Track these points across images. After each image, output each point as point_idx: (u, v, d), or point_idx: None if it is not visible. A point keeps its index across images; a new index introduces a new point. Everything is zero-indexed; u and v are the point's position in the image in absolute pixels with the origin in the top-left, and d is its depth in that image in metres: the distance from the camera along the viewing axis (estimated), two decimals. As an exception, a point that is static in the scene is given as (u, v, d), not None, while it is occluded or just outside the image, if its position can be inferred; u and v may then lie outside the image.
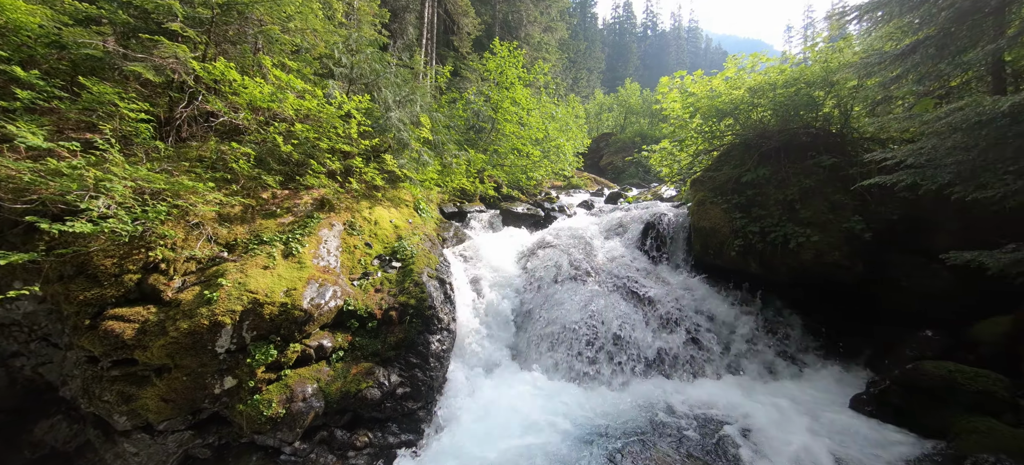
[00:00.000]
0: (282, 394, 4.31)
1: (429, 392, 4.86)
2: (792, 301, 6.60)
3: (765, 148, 6.85)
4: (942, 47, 3.83)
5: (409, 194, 8.54)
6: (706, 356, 5.80)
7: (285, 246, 5.06)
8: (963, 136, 3.06)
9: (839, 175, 6.25)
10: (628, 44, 72.10)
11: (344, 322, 4.95)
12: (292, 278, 4.69)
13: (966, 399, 4.32)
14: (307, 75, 7.50)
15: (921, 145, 3.49)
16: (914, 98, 6.44)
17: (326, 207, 6.15)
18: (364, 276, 5.55)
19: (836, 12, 6.40)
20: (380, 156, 7.66)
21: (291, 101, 6.04)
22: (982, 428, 4.03)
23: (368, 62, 8.84)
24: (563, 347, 5.67)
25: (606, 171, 28.51)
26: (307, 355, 4.56)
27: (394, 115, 7.84)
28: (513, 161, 14.55)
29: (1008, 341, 4.78)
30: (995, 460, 3.70)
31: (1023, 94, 2.57)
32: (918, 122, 3.46)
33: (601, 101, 37.44)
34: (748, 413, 4.75)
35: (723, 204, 6.73)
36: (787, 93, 6.70)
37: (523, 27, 29.68)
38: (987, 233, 4.96)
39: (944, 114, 3.17)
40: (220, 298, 4.23)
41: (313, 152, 6.34)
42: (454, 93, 15.41)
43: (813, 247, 5.86)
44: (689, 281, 6.85)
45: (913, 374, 4.57)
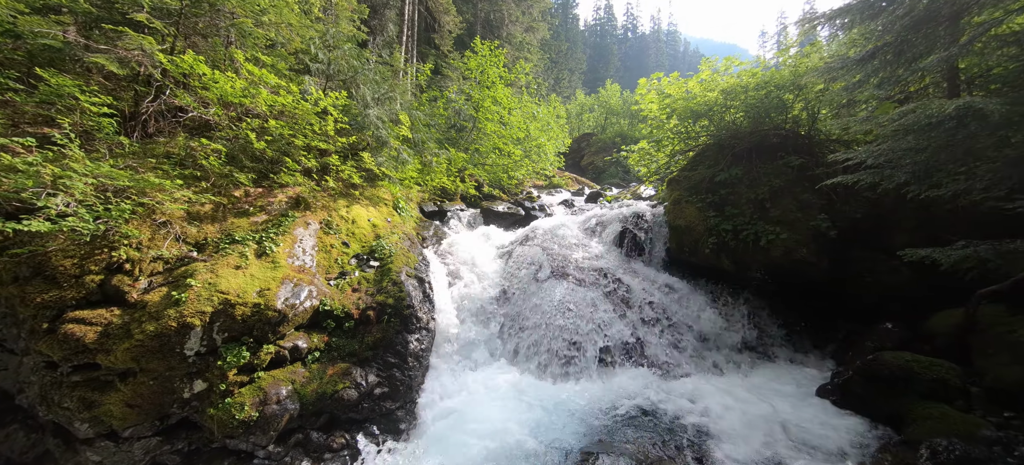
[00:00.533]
0: (255, 397, 4.21)
1: (408, 391, 4.83)
2: (764, 297, 6.83)
3: (738, 149, 7.06)
4: (899, 53, 4.04)
5: (388, 193, 8.45)
6: (681, 350, 5.95)
7: (258, 245, 4.94)
8: (915, 138, 3.24)
9: (807, 175, 6.50)
10: (609, 46, 72.98)
11: (320, 322, 4.87)
12: (265, 278, 4.58)
13: (922, 387, 4.56)
14: (282, 70, 7.33)
15: (880, 146, 3.68)
16: (876, 102, 6.75)
17: (302, 206, 6.03)
18: (341, 276, 5.47)
19: (806, 18, 6.63)
20: (358, 154, 7.55)
21: (264, 97, 5.89)
22: (936, 414, 4.26)
23: (346, 58, 8.70)
24: (542, 344, 5.72)
25: (587, 171, 28.79)
26: (281, 356, 4.47)
27: (372, 112, 7.74)
28: (494, 160, 14.55)
29: (959, 332, 5.07)
30: (947, 443, 3.92)
31: (966, 99, 2.74)
32: (875, 124, 3.64)
33: (582, 101, 37.78)
34: (718, 404, 4.89)
35: (698, 203, 6.91)
36: (758, 95, 6.93)
37: (505, 26, 29.67)
38: (941, 230, 5.25)
39: (896, 116, 3.35)
40: (189, 299, 4.10)
41: (288, 149, 6.20)
42: (435, 91, 15.31)
43: (782, 244, 6.08)
44: (665, 278, 7.00)
45: (873, 364, 4.80)
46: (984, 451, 3.81)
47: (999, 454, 3.78)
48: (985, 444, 3.87)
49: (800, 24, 6.62)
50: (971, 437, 3.94)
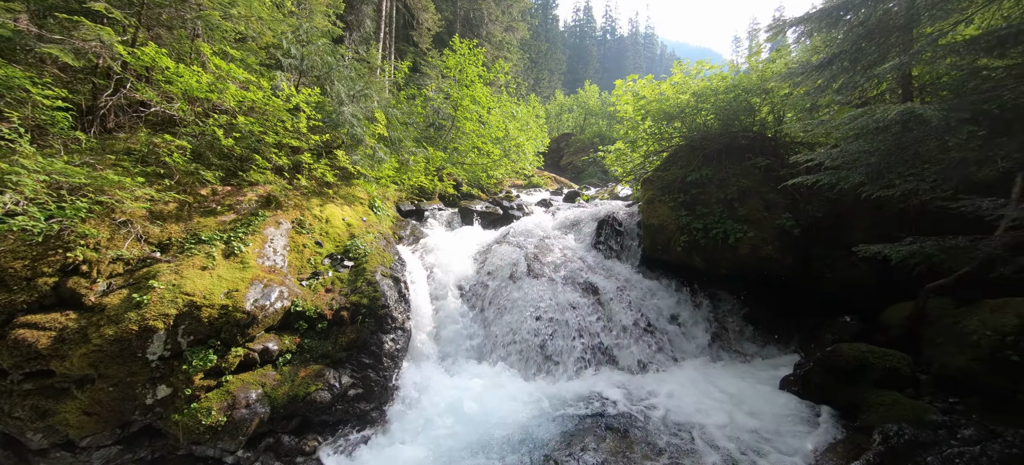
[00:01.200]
0: (223, 401, 4.10)
1: (383, 392, 4.79)
2: (733, 293, 7.07)
3: (708, 150, 7.29)
4: (855, 60, 4.27)
5: (364, 192, 8.33)
6: (653, 346, 6.10)
7: (226, 245, 4.80)
8: (866, 141, 3.44)
9: (773, 176, 6.76)
10: (588, 47, 73.72)
11: (292, 324, 4.77)
12: (234, 279, 4.46)
13: (876, 376, 4.82)
14: (252, 65, 7.12)
15: (836, 149, 3.88)
16: (837, 106, 7.09)
17: (273, 205, 5.89)
18: (314, 276, 5.37)
19: (772, 26, 6.89)
20: (332, 152, 7.42)
21: (233, 92, 5.72)
22: (888, 401, 4.51)
23: (320, 54, 8.52)
24: (518, 342, 5.77)
25: (566, 170, 29.04)
26: (251, 359, 4.36)
27: (347, 110, 7.61)
28: (474, 159, 14.52)
29: (910, 324, 5.38)
30: (898, 429, 4.16)
31: (908, 104, 2.93)
32: (833, 128, 3.84)
33: (561, 102, 38.08)
34: (687, 398, 5.05)
35: (670, 202, 7.09)
36: (727, 98, 7.16)
37: (484, 25, 29.59)
38: (893, 228, 5.56)
39: (848, 120, 3.55)
40: (151, 301, 3.96)
41: (258, 147, 6.04)
42: (413, 89, 15.15)
43: (749, 242, 6.32)
44: (639, 276, 7.16)
45: (832, 355, 5.04)
46: (930, 435, 4.07)
47: (944, 437, 4.04)
48: (932, 428, 4.13)
49: (767, 31, 6.88)
50: (919, 422, 4.19)
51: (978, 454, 3.72)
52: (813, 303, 6.77)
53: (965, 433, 4.03)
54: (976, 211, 4.48)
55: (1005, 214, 4.33)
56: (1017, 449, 3.76)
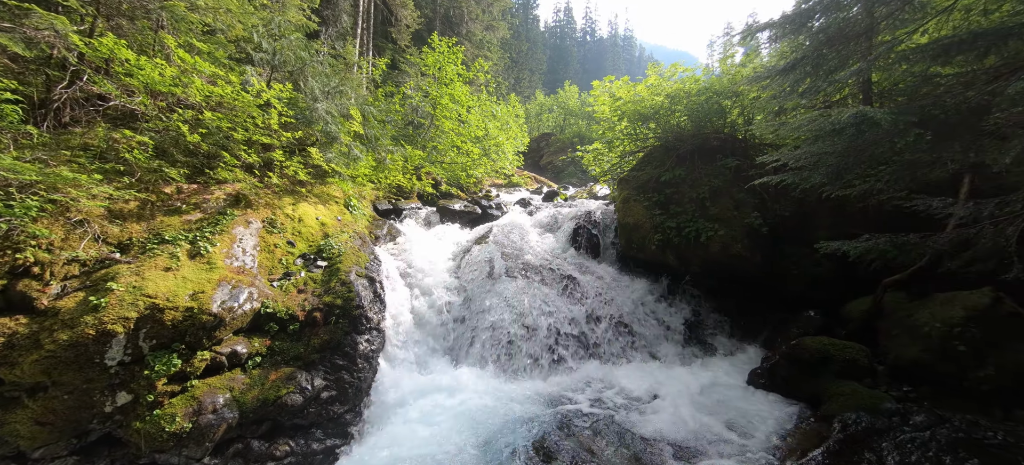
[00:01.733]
0: (188, 407, 3.95)
1: (357, 394, 4.72)
2: (705, 290, 7.26)
3: (681, 150, 7.47)
4: (817, 66, 4.47)
5: (339, 190, 8.18)
6: (629, 343, 6.22)
7: (192, 245, 4.64)
8: (824, 143, 3.61)
9: (742, 176, 6.98)
10: (569, 48, 74.31)
11: (262, 326, 4.65)
12: (199, 280, 4.31)
13: (836, 367, 5.05)
14: (220, 59, 6.89)
15: (799, 150, 4.06)
16: (803, 110, 7.37)
17: (242, 203, 5.71)
18: (286, 276, 5.24)
19: (746, 30, 7.11)
20: (306, 150, 7.26)
21: (199, 86, 5.53)
22: (847, 391, 4.74)
23: (292, 49, 8.32)
24: (496, 342, 5.78)
25: (546, 170, 29.21)
26: (218, 363, 4.22)
27: (321, 107, 7.46)
28: (453, 158, 14.44)
29: (868, 317, 5.65)
30: (855, 417, 4.37)
31: (860, 108, 3.09)
32: (792, 129, 4.01)
33: (542, 102, 38.27)
34: (659, 392, 5.18)
35: (645, 202, 7.24)
36: (700, 101, 7.36)
37: (464, 23, 29.44)
38: (853, 227, 5.81)
39: (807, 122, 3.72)
40: (110, 304, 3.78)
41: (226, 143, 5.86)
42: (391, 86, 14.94)
43: (720, 240, 6.51)
44: (615, 274, 7.28)
45: (796, 349, 5.26)
46: (885, 422, 4.29)
47: (897, 424, 4.26)
48: (886, 416, 4.35)
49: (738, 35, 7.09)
50: (875, 410, 4.42)
51: (928, 439, 3.95)
52: (780, 299, 7.02)
53: (916, 419, 4.27)
54: (928, 210, 4.75)
55: (953, 213, 4.60)
56: (963, 433, 4.00)
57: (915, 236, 4.26)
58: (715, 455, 4.25)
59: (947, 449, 3.81)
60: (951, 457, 3.73)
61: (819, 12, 4.96)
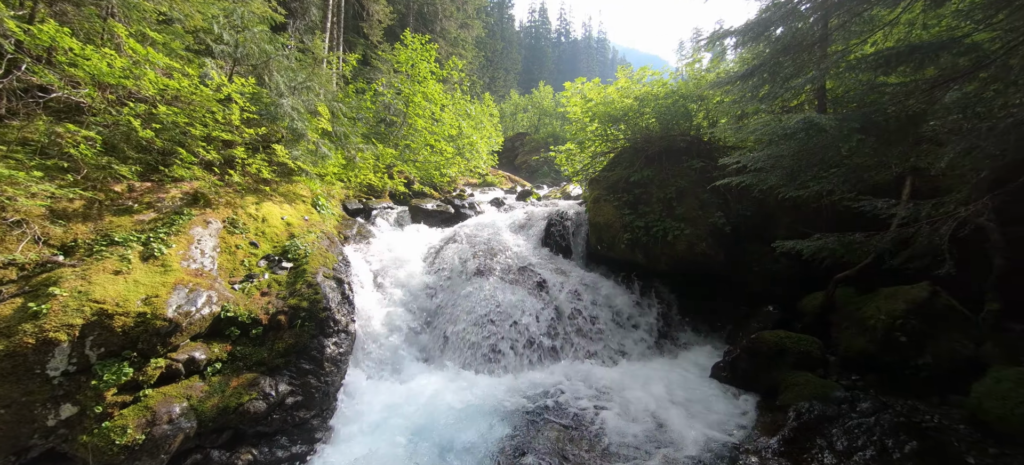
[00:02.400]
0: (141, 417, 3.75)
1: (324, 399, 4.60)
2: (673, 287, 7.49)
3: (650, 151, 7.67)
4: (774, 73, 4.70)
5: (307, 189, 7.94)
6: (599, 340, 6.34)
7: (144, 247, 4.40)
8: (777, 146, 3.81)
9: (707, 177, 7.24)
10: (544, 48, 74.78)
11: (222, 330, 4.46)
12: (153, 284, 4.10)
13: (792, 359, 5.33)
14: (177, 50, 6.55)
15: (756, 153, 4.26)
16: (764, 114, 7.72)
17: (201, 202, 5.46)
18: (248, 278, 5.05)
19: (711, 36, 7.37)
20: (270, 147, 7.01)
21: (152, 78, 5.23)
22: (801, 381, 5.00)
23: (256, 41, 8.00)
24: (467, 341, 5.77)
25: (521, 169, 29.31)
26: (175, 370, 4.02)
27: (287, 102, 7.22)
28: (426, 157, 14.27)
29: (821, 311, 5.99)
30: (808, 406, 4.63)
31: (806, 114, 3.29)
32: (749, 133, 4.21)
33: (516, 101, 38.37)
34: (628, 388, 5.31)
35: (615, 201, 7.39)
36: (667, 103, 7.58)
37: (439, 21, 29.14)
38: (808, 226, 6.14)
39: (760, 126, 3.91)
40: (52, 311, 3.54)
41: (183, 140, 5.58)
42: (362, 83, 14.60)
43: (686, 239, 6.73)
44: (586, 273, 7.40)
45: (755, 343, 5.51)
46: (835, 409, 4.56)
47: (846, 410, 4.54)
48: (836, 403, 4.63)
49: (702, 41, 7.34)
50: (826, 398, 4.69)
51: (872, 424, 4.22)
52: (743, 295, 7.33)
53: (863, 406, 4.56)
54: (873, 210, 5.08)
55: (896, 213, 4.94)
56: (904, 418, 4.31)
57: (861, 235, 4.54)
58: (678, 446, 4.39)
59: (889, 433, 4.09)
60: (892, 440, 4.01)
61: (778, 21, 5.19)
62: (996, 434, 3.93)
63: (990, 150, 3.44)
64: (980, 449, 3.86)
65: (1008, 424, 3.86)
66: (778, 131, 3.51)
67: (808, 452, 4.11)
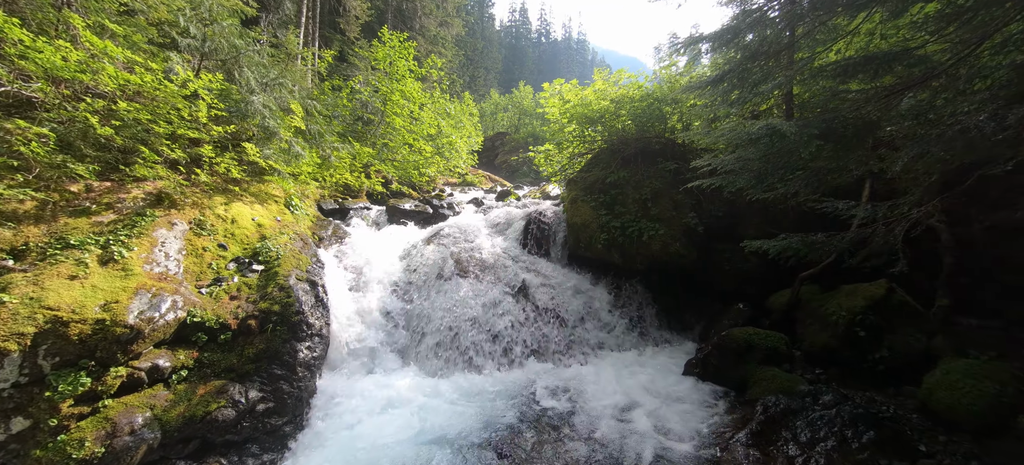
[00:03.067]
0: (100, 429, 3.59)
1: (297, 404, 4.50)
2: (648, 286, 7.64)
3: (626, 153, 7.80)
4: (743, 79, 4.86)
5: (280, 189, 7.74)
6: (576, 339, 6.41)
7: (103, 250, 4.21)
8: (744, 150, 3.96)
9: (680, 178, 7.42)
10: (524, 48, 74.98)
11: (188, 336, 4.30)
12: (112, 289, 3.92)
13: (760, 355, 5.52)
14: (139, 43, 6.28)
15: (725, 157, 4.40)
16: (734, 118, 7.97)
17: (165, 203, 5.26)
18: (216, 282, 4.89)
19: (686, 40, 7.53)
20: (240, 145, 6.79)
21: (112, 73, 5.00)
22: (768, 376, 5.19)
23: (225, 36, 7.74)
24: (445, 344, 5.74)
25: (501, 169, 29.32)
26: (137, 379, 3.86)
27: (258, 99, 7.01)
28: (405, 156, 14.10)
29: (787, 308, 6.23)
30: (775, 399, 4.80)
31: (769, 121, 3.43)
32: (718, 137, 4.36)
33: (497, 101, 38.35)
34: (604, 386, 5.40)
35: (592, 202, 7.49)
36: (643, 106, 7.73)
37: (418, 18, 28.83)
38: (776, 227, 6.38)
39: (728, 131, 4.06)
40: (2, 319, 3.35)
41: (146, 137, 5.35)
42: (338, 80, 14.29)
43: (660, 239, 6.88)
44: (564, 272, 7.47)
45: (726, 339, 5.69)
46: (800, 402, 4.74)
47: (809, 403, 4.72)
48: (801, 397, 4.82)
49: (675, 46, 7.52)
50: (792, 392, 4.87)
51: (834, 416, 4.42)
52: (715, 293, 7.56)
53: (825, 398, 4.76)
54: (835, 211, 5.32)
55: (856, 214, 5.19)
56: (862, 409, 4.52)
57: (823, 235, 4.75)
58: (651, 442, 4.50)
59: (849, 424, 4.28)
60: (852, 431, 4.20)
61: (747, 28, 5.36)
62: (945, 422, 4.17)
63: (940, 155, 3.65)
64: (931, 437, 4.10)
65: (956, 413, 4.11)
66: (744, 136, 3.65)
67: (774, 445, 4.27)
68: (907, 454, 3.93)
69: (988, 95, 3.78)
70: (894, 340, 5.07)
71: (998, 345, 4.63)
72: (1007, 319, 4.78)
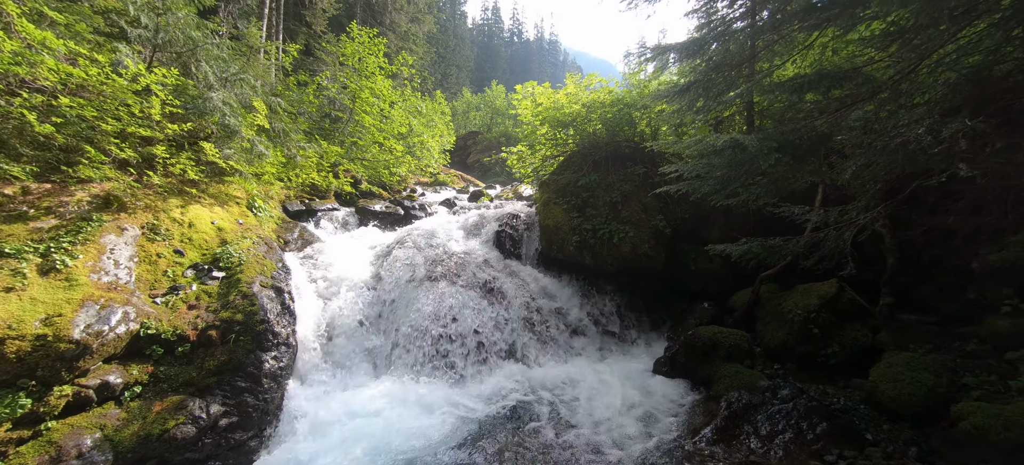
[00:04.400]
0: (43, 454, 3.32)
1: (263, 417, 4.33)
2: (619, 287, 7.82)
3: (597, 156, 7.95)
4: (707, 89, 5.08)
5: (242, 190, 7.40)
6: (549, 341, 6.49)
7: (44, 259, 3.89)
8: (709, 160, 4.16)
9: (648, 182, 7.64)
10: (496, 47, 74.85)
11: (142, 349, 4.05)
12: (55, 301, 3.63)
13: (724, 352, 5.77)
14: (82, 33, 5.83)
15: (691, 165, 4.59)
16: (700, 125, 8.29)
17: (114, 206, 4.92)
18: (172, 290, 4.62)
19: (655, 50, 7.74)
20: (198, 144, 6.44)
21: (51, 66, 4.62)
22: (732, 373, 5.44)
23: (181, 27, 7.31)
24: (417, 349, 5.67)
25: (473, 169, 29.19)
26: (84, 398, 3.60)
27: (217, 96, 6.66)
28: (375, 155, 13.79)
29: (748, 306, 6.54)
30: (738, 395, 5.03)
31: (732, 135, 3.62)
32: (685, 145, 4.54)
33: (469, 100, 38.14)
34: (577, 387, 5.50)
35: (564, 205, 7.59)
36: (613, 111, 7.90)
37: (388, 13, 28.22)
38: (738, 230, 6.68)
39: (694, 143, 4.24)
40: (-79, 337, 3.04)
41: (91, 135, 4.98)
42: (304, 76, 13.78)
43: (630, 242, 7.07)
44: (537, 274, 7.54)
45: (692, 338, 5.91)
46: (760, 397, 4.99)
47: (768, 398, 4.98)
48: (761, 392, 5.07)
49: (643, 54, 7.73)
50: (753, 388, 5.12)
51: (791, 409, 4.68)
52: (681, 292, 7.82)
53: (783, 393, 5.03)
54: (792, 216, 5.63)
55: (809, 219, 5.51)
56: (816, 402, 4.80)
57: (780, 239, 5.03)
58: (623, 439, 4.62)
59: (805, 416, 4.55)
60: (807, 423, 4.47)
61: (713, 39, 5.57)
62: (889, 411, 4.51)
63: (884, 165, 3.94)
64: (876, 426, 4.42)
65: (898, 402, 4.44)
66: (709, 147, 3.82)
67: (737, 438, 4.49)
68: (855, 443, 4.23)
69: (925, 110, 4.11)
70: (844, 336, 5.42)
71: (934, 339, 5.04)
72: (941, 314, 5.21)
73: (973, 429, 3.77)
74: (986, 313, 4.75)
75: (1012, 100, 3.71)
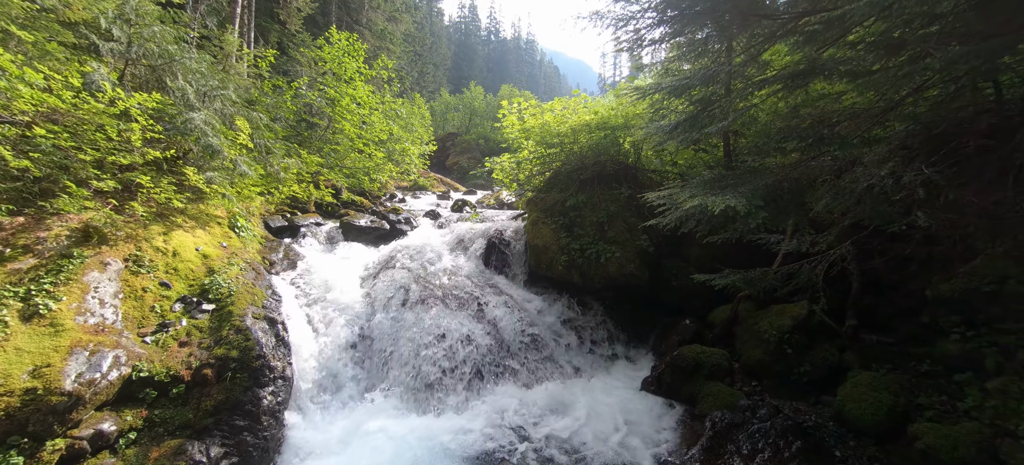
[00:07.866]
0: (31, 510, 3.21)
1: (264, 456, 4.29)
2: (605, 304, 8.08)
3: (584, 177, 8.18)
4: (693, 124, 5.39)
5: (222, 209, 7.19)
6: (541, 361, 6.66)
7: (25, 303, 3.74)
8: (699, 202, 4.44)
9: (633, 202, 7.92)
10: (474, 45, 74.38)
11: (135, 394, 3.95)
12: (42, 349, 3.50)
13: (706, 371, 6.10)
14: (53, 52, 5.53)
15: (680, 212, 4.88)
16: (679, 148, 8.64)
17: (95, 239, 4.74)
18: (162, 328, 4.50)
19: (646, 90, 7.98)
20: (177, 167, 6.23)
21: (27, 96, 4.39)
22: (714, 391, 5.77)
23: (157, 41, 7.03)
24: (415, 376, 5.71)
25: (452, 171, 29.07)
26: (78, 450, 3.49)
27: (198, 116, 6.45)
28: (354, 161, 13.56)
29: (727, 324, 6.91)
30: (721, 415, 5.35)
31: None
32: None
33: (447, 100, 37.88)
34: (569, 407, 5.70)
35: (552, 224, 7.78)
36: (599, 135, 8.14)
37: (365, 12, 27.65)
38: (718, 250, 7.00)
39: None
40: (-102, 398, 2.89)
41: (68, 164, 4.76)
42: (280, 80, 13.38)
43: (617, 261, 7.33)
44: (526, 293, 7.70)
45: (677, 357, 6.22)
46: (740, 416, 5.33)
47: (748, 417, 5.33)
48: (741, 411, 5.41)
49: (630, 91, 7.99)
50: (734, 407, 5.46)
51: (768, 428, 5.02)
52: (664, 308, 8.15)
53: (761, 412, 5.38)
54: (766, 244, 6.00)
55: (781, 248, 5.89)
56: (791, 420, 5.18)
57: (759, 271, 5.39)
58: (615, 459, 4.86)
59: (781, 435, 4.90)
60: (784, 442, 4.82)
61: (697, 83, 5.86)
62: (855, 429, 4.91)
63: (851, 207, 4.31)
64: (844, 443, 4.81)
65: (863, 420, 4.85)
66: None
67: (722, 458, 4.79)
68: (826, 459, 4.60)
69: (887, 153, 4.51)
70: (814, 355, 5.84)
71: (894, 358, 5.51)
72: (900, 335, 5.70)
73: (927, 448, 4.19)
74: (938, 336, 5.24)
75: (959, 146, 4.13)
